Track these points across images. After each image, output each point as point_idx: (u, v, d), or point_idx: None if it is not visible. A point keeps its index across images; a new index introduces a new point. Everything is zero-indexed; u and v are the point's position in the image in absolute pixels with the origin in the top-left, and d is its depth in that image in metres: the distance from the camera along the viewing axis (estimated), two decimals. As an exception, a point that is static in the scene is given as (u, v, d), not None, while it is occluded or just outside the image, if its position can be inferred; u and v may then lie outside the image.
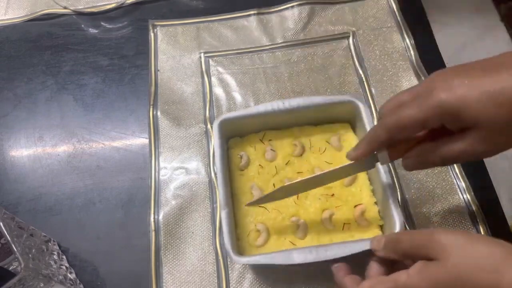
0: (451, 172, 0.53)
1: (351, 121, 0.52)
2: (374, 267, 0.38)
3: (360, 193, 0.48)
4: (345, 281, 0.38)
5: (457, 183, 0.52)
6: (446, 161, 0.36)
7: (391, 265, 0.37)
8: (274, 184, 0.49)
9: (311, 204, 0.48)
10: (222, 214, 0.44)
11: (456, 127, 0.33)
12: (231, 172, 0.50)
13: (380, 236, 0.39)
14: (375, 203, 0.48)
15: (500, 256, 0.29)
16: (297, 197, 0.49)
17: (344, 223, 0.47)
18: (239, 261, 0.42)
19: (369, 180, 0.49)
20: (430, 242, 0.32)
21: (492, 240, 0.30)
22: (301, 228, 0.47)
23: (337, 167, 0.42)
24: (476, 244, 0.30)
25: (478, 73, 0.32)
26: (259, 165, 0.51)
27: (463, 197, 0.52)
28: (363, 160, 0.41)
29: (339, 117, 0.52)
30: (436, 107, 0.32)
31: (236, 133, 0.52)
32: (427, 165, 0.38)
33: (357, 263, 0.49)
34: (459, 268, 0.30)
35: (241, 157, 0.51)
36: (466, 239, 0.31)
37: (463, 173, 0.53)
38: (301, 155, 0.51)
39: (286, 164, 0.51)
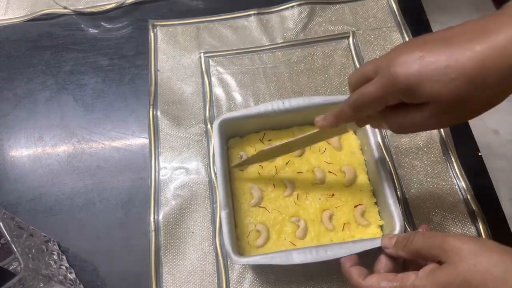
0: (451, 172, 0.53)
1: (351, 121, 0.52)
2: (383, 262, 0.38)
3: (360, 193, 0.48)
4: (351, 271, 0.39)
5: (457, 183, 0.52)
6: (402, 129, 0.37)
7: (403, 265, 0.37)
8: (274, 185, 0.49)
9: (311, 205, 0.48)
10: (222, 215, 0.44)
11: (413, 102, 0.33)
12: (231, 172, 0.50)
13: (392, 234, 0.39)
14: (375, 203, 0.48)
15: (509, 264, 0.29)
16: (297, 197, 0.49)
17: (344, 223, 0.47)
18: (239, 262, 0.42)
19: (369, 181, 0.49)
20: (443, 245, 0.32)
21: (504, 248, 0.30)
22: (301, 228, 0.47)
23: (311, 132, 0.44)
24: (488, 252, 0.30)
25: (435, 46, 0.32)
26: (259, 165, 0.51)
27: (463, 197, 0.52)
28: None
29: (339, 117, 0.52)
30: (391, 85, 0.33)
31: (236, 133, 0.52)
32: (384, 127, 0.39)
33: (359, 262, 0.49)
34: (468, 274, 0.30)
35: (241, 157, 0.51)
36: (480, 246, 0.31)
37: (463, 173, 0.53)
38: (301, 155, 0.51)
39: (286, 164, 0.51)
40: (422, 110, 0.33)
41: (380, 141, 0.50)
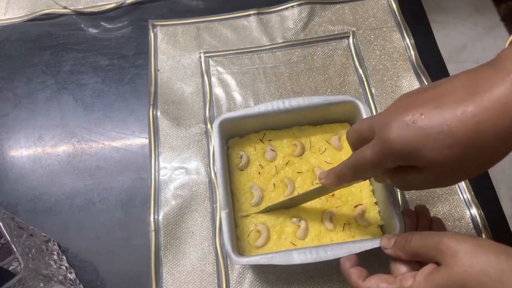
0: (451, 172, 0.53)
1: (351, 121, 0.52)
2: (400, 268, 0.37)
3: (360, 193, 0.48)
4: (351, 272, 0.39)
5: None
6: (406, 188, 0.38)
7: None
8: (274, 184, 0.49)
9: (311, 205, 0.48)
10: (222, 215, 0.44)
11: (412, 165, 0.33)
12: (231, 172, 0.50)
13: (391, 235, 0.39)
14: (375, 203, 0.48)
15: (506, 265, 0.29)
16: None
17: (345, 223, 0.47)
18: (238, 262, 0.42)
19: (369, 180, 0.49)
20: (439, 246, 0.32)
21: (501, 248, 0.30)
22: (302, 229, 0.47)
23: (317, 187, 0.44)
24: (485, 251, 0.30)
25: (427, 107, 0.30)
26: (259, 165, 0.51)
27: (463, 197, 0.52)
28: None
29: (339, 117, 0.52)
30: (388, 152, 0.32)
31: (236, 133, 0.52)
32: (389, 183, 0.39)
33: (360, 262, 0.48)
34: (465, 276, 0.30)
35: (241, 157, 0.51)
36: (476, 246, 0.31)
37: (463, 173, 0.53)
38: (301, 155, 0.51)
39: (286, 164, 0.51)
40: (422, 173, 0.32)
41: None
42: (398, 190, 0.52)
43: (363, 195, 0.48)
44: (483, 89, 0.28)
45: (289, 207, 0.48)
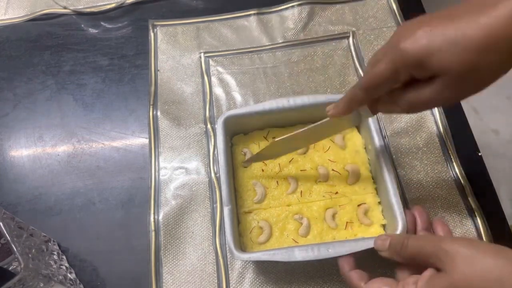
0: (451, 172, 0.53)
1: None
2: (404, 272, 0.38)
3: (363, 191, 0.49)
4: (351, 275, 0.39)
5: (457, 183, 0.52)
6: (414, 107, 0.36)
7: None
8: (277, 182, 0.49)
9: (314, 202, 0.48)
10: (225, 211, 0.44)
11: (424, 76, 0.33)
12: (234, 169, 0.50)
13: (384, 236, 0.39)
14: (379, 202, 0.48)
15: (504, 268, 0.29)
16: (301, 194, 0.49)
17: (347, 222, 0.47)
18: (240, 257, 0.42)
19: (373, 179, 0.49)
20: (437, 252, 0.32)
21: (499, 251, 0.31)
22: (304, 226, 0.47)
23: (323, 121, 0.43)
24: (483, 255, 0.30)
25: (442, 21, 0.32)
26: (263, 162, 0.51)
27: (463, 197, 0.51)
28: (348, 116, 0.42)
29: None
30: (402, 60, 0.33)
31: (240, 130, 0.52)
32: (396, 110, 0.38)
33: (360, 262, 0.49)
34: (465, 281, 0.30)
35: (244, 154, 0.51)
36: (474, 250, 0.31)
37: (463, 173, 0.53)
38: (304, 153, 0.51)
39: (290, 162, 0.51)
40: (432, 84, 0.33)
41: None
42: (400, 190, 0.52)
43: (366, 194, 0.48)
44: (494, 3, 0.30)
45: (291, 148, 0.48)
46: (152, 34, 0.66)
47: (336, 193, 0.48)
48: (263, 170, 0.50)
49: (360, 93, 0.38)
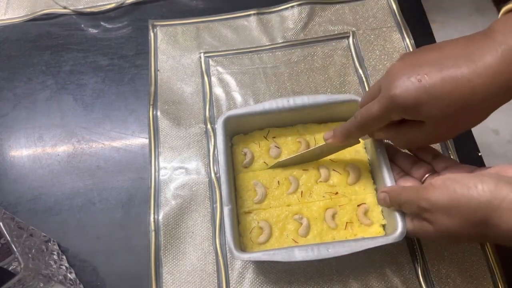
0: (451, 172, 0.53)
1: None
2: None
3: (363, 192, 0.49)
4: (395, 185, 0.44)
5: (457, 183, 0.52)
6: (408, 145, 0.43)
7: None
8: (278, 182, 0.49)
9: (314, 203, 0.48)
10: (225, 211, 0.44)
11: (415, 119, 0.37)
12: (234, 169, 0.50)
13: (387, 189, 0.44)
14: (378, 202, 0.48)
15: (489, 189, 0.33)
16: (301, 195, 0.49)
17: (347, 222, 0.47)
18: (240, 257, 0.42)
19: (373, 179, 0.49)
20: (419, 199, 0.37)
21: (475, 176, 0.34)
22: (304, 226, 0.47)
23: (324, 143, 0.47)
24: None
25: (431, 70, 0.35)
26: (264, 162, 0.51)
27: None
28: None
29: (343, 116, 0.52)
30: (393, 106, 0.37)
31: (240, 130, 0.52)
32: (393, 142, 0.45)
33: (360, 262, 0.49)
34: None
35: (245, 154, 0.51)
36: (449, 199, 0.35)
37: (463, 173, 0.53)
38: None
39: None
40: (422, 127, 0.38)
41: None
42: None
43: (366, 194, 0.48)
44: (478, 57, 0.33)
45: (297, 163, 0.50)
46: (152, 34, 0.66)
47: (336, 193, 0.48)
48: (264, 170, 0.50)
49: (354, 130, 0.43)
